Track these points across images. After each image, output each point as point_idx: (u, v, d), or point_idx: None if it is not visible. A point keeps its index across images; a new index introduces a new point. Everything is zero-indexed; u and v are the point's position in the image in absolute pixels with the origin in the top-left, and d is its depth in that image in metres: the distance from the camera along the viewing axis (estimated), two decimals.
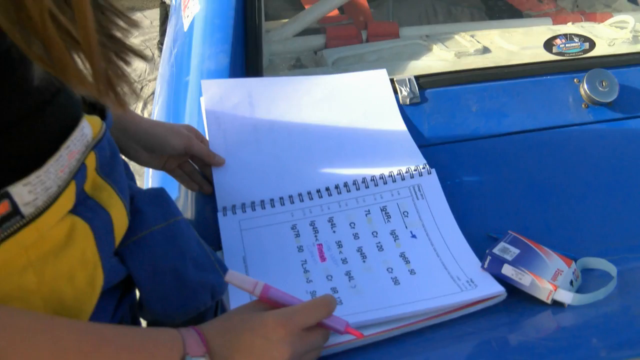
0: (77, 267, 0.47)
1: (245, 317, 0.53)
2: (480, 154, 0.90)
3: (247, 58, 0.96)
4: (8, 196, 0.41)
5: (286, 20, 1.50)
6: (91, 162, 0.49)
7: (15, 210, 0.41)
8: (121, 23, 0.42)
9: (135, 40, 4.22)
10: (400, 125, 0.89)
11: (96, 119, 0.52)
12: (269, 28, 1.37)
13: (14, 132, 0.41)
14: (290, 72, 1.15)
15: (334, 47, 1.22)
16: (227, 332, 0.51)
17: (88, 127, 0.49)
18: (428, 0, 1.79)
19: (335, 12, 1.43)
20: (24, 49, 0.35)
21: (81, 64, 0.39)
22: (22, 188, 0.41)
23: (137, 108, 3.04)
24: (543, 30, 1.27)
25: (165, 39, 1.43)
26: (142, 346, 0.46)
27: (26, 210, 0.42)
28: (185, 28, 1.09)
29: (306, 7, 1.55)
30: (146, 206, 0.59)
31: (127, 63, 0.43)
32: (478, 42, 1.18)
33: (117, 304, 0.56)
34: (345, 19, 1.40)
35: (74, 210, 0.48)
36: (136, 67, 3.66)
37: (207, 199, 0.83)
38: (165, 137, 0.77)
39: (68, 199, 0.46)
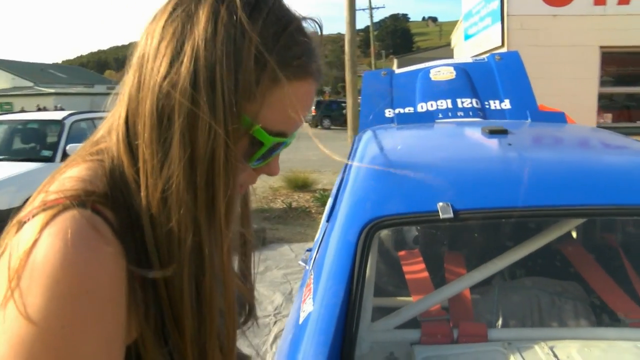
0: None
1: None
2: None
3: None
4: None
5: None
6: None
7: None
8: None
9: (278, 272, 4.66)
10: None
11: None
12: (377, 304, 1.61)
13: None
14: None
15: (426, 343, 1.40)
16: None
17: None
18: (533, 289, 1.95)
19: (438, 305, 1.63)
20: None
21: None
22: None
23: (267, 341, 3.29)
24: (628, 347, 1.35)
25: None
26: None
27: None
28: (300, 321, 1.35)
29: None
30: None
31: None
32: (555, 355, 1.30)
33: None
34: (443, 315, 1.59)
35: None
36: (274, 299, 4.00)
37: None
38: None
39: None
